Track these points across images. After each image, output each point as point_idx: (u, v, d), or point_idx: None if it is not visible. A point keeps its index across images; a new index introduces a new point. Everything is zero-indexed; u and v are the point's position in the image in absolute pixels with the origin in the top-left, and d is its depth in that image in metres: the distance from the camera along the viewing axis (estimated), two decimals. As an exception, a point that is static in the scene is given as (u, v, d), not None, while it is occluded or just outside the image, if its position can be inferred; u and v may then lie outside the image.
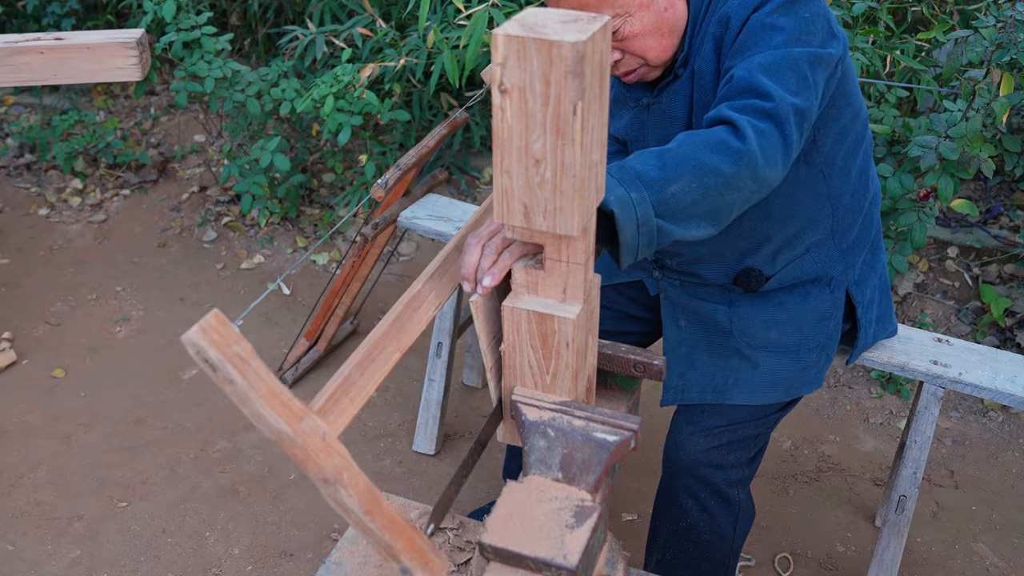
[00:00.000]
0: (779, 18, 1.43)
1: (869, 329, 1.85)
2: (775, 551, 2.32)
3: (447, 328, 2.47)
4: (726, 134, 1.33)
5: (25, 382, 2.85)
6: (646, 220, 1.25)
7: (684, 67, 1.57)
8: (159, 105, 4.46)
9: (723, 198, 1.33)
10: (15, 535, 2.32)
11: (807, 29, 1.44)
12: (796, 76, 1.40)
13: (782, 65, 1.40)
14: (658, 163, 1.29)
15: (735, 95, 1.39)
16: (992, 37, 2.45)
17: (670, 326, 1.81)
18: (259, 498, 2.43)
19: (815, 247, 1.70)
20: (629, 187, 1.25)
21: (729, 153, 1.31)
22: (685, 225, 1.31)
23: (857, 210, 1.71)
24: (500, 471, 2.50)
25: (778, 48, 1.41)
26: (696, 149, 1.32)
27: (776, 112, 1.35)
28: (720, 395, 1.74)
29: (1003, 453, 2.66)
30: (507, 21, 1.01)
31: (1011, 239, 3.14)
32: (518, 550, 1.04)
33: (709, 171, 1.30)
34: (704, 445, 1.76)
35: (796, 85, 1.40)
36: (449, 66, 2.75)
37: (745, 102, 1.37)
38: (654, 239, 1.28)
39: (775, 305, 1.72)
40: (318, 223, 3.62)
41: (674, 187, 1.28)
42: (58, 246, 3.57)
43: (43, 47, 2.42)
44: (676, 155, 1.31)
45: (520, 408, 1.19)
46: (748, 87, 1.38)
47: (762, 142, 1.34)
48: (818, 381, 1.79)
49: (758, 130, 1.34)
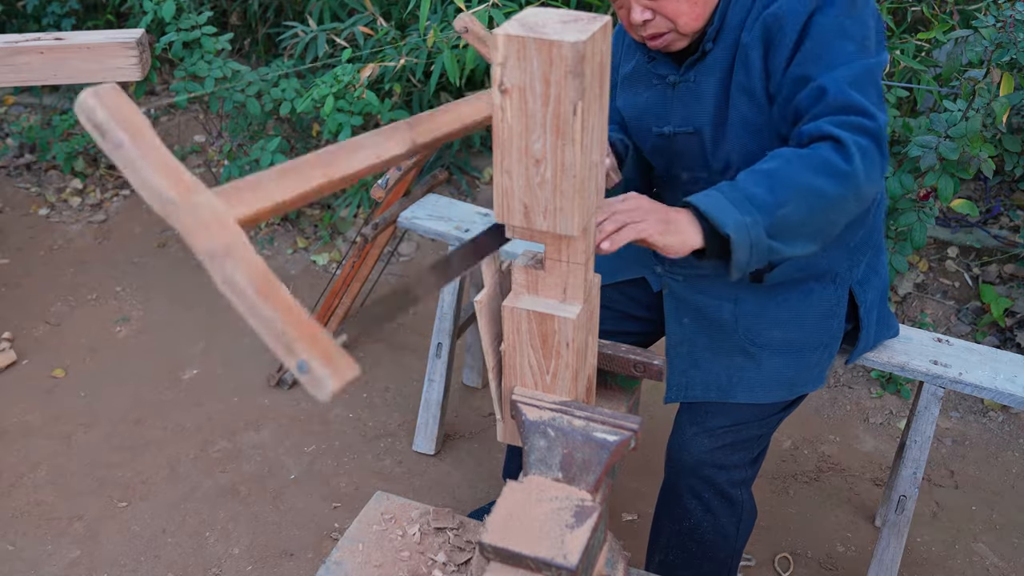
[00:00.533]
0: (846, 21, 1.45)
1: (871, 330, 1.85)
2: (775, 551, 2.32)
3: (447, 328, 2.47)
4: (832, 154, 1.38)
5: (25, 382, 2.85)
6: (759, 241, 1.32)
7: (713, 43, 1.54)
8: (159, 105, 4.46)
9: (828, 218, 1.40)
10: (15, 535, 2.32)
11: (868, 34, 1.47)
12: (877, 91, 1.45)
13: (866, 80, 1.44)
14: (767, 185, 1.35)
15: (833, 111, 1.42)
16: (992, 37, 2.45)
17: (673, 323, 1.80)
18: (259, 498, 2.43)
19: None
20: (743, 211, 1.32)
21: (836, 175, 1.37)
22: (792, 244, 1.38)
23: (865, 209, 1.71)
24: (500, 471, 2.50)
25: (854, 60, 1.44)
26: (804, 170, 1.37)
27: (878, 131, 1.41)
28: (724, 393, 1.74)
29: (1003, 453, 2.66)
30: (507, 21, 1.01)
31: (1011, 239, 3.14)
32: (518, 550, 1.04)
33: (816, 194, 1.36)
34: (708, 446, 1.76)
35: (878, 99, 1.45)
36: (450, 66, 2.75)
37: (848, 119, 1.40)
38: (764, 258, 1.35)
39: (779, 303, 1.72)
40: (318, 223, 3.62)
41: (784, 210, 1.34)
42: (58, 246, 3.58)
43: (43, 47, 2.42)
44: (785, 175, 1.36)
45: (520, 408, 1.19)
46: (847, 105, 1.41)
47: (865, 162, 1.39)
48: (821, 380, 1.78)
49: (862, 149, 1.38)
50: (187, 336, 3.07)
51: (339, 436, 2.66)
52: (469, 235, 2.37)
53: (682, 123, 1.64)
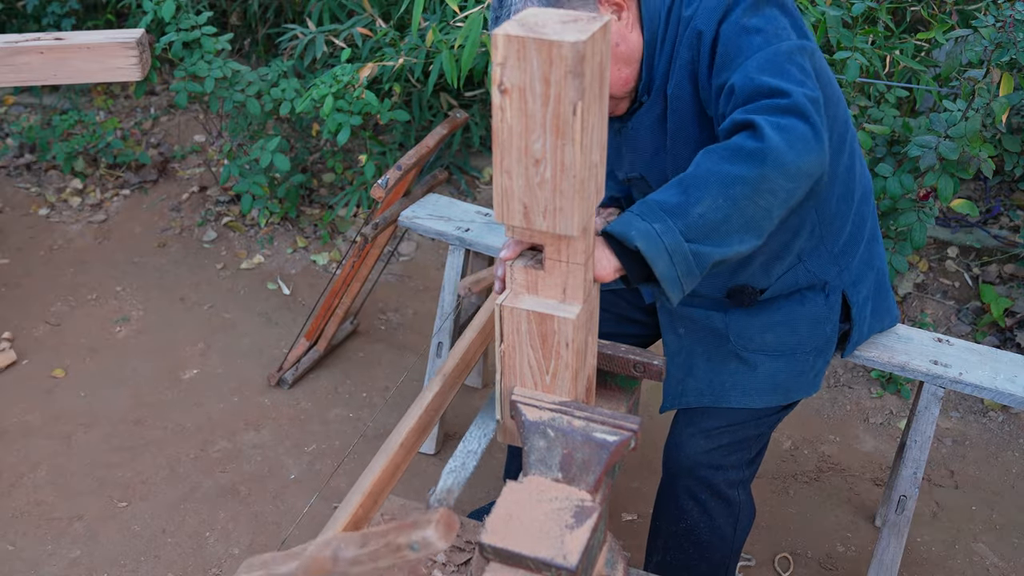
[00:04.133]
0: (750, 19, 1.42)
1: (864, 325, 1.85)
2: (775, 551, 2.32)
3: (447, 328, 2.47)
4: (742, 138, 1.30)
5: (25, 382, 2.85)
6: (677, 248, 1.23)
7: (648, 94, 1.58)
8: (159, 105, 4.46)
9: (757, 204, 1.29)
10: (15, 535, 2.32)
11: (779, 25, 1.42)
12: (795, 68, 1.38)
13: (778, 61, 1.38)
14: (678, 189, 1.28)
15: (744, 102, 1.36)
16: (991, 37, 2.45)
17: (668, 333, 1.82)
18: (259, 498, 2.43)
19: (807, 254, 1.69)
20: (651, 219, 1.24)
21: (749, 157, 1.28)
22: (723, 243, 1.28)
23: (845, 212, 1.70)
24: (500, 471, 2.50)
25: (763, 48, 1.39)
26: (714, 163, 1.29)
27: (794, 105, 1.32)
28: (717, 398, 1.75)
29: (1003, 453, 2.66)
30: (507, 21, 1.00)
31: (1011, 239, 3.14)
32: (518, 550, 1.04)
33: (732, 181, 1.27)
34: (704, 446, 1.76)
35: (800, 76, 1.37)
36: (447, 66, 2.75)
37: (758, 103, 1.34)
38: (693, 266, 1.25)
39: (771, 310, 1.72)
40: (318, 223, 3.62)
41: (700, 207, 1.25)
42: (58, 246, 3.57)
43: (43, 47, 2.42)
44: (695, 175, 1.29)
45: (520, 408, 1.19)
46: (756, 90, 1.35)
47: (787, 136, 1.29)
48: (815, 385, 1.78)
49: (779, 126, 1.30)
50: (187, 336, 3.07)
51: (339, 436, 2.66)
52: (469, 234, 2.37)
53: (631, 169, 1.69)
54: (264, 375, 2.88)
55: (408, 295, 3.31)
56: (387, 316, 3.20)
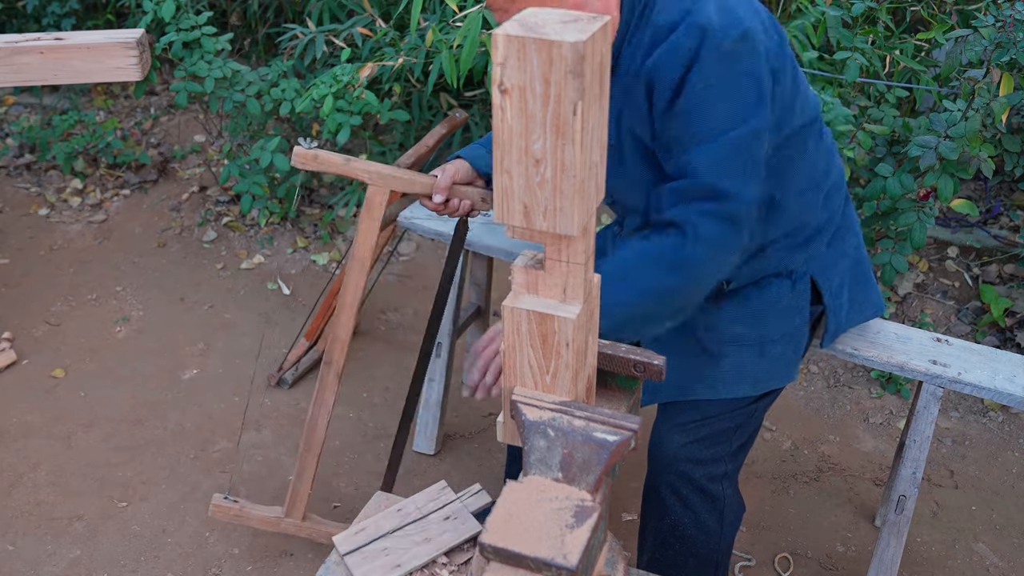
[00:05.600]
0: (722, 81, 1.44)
1: (840, 312, 1.84)
2: (775, 551, 2.32)
3: (447, 328, 2.47)
4: (672, 243, 1.45)
5: (25, 382, 2.85)
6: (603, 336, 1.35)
7: (613, 73, 1.58)
8: (159, 105, 4.46)
9: (673, 305, 1.50)
10: (15, 535, 2.32)
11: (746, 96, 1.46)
12: (744, 161, 1.46)
13: (732, 156, 1.45)
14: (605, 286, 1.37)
15: (691, 197, 1.46)
16: (991, 37, 2.45)
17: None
18: (259, 498, 2.43)
19: (771, 245, 1.70)
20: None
21: (673, 267, 1.45)
22: (643, 330, 1.50)
23: (812, 203, 1.71)
24: (500, 471, 2.50)
25: (721, 134, 1.45)
26: (641, 267, 1.46)
27: (731, 213, 1.45)
28: (684, 391, 1.76)
29: (1003, 453, 2.66)
30: (507, 21, 1.01)
31: (1011, 239, 3.14)
32: (518, 550, 1.04)
33: (652, 292, 1.45)
34: (680, 441, 1.78)
35: (745, 171, 1.46)
36: (447, 66, 2.75)
37: (701, 206, 1.45)
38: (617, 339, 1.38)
39: (738, 302, 1.73)
40: (318, 223, 3.62)
41: (620, 308, 1.43)
42: (58, 246, 3.58)
43: (43, 47, 2.43)
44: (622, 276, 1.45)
45: (520, 408, 1.19)
46: (704, 190, 1.45)
47: (715, 248, 1.45)
48: (790, 374, 1.79)
49: (711, 234, 1.44)
50: (187, 336, 3.07)
51: (339, 436, 2.66)
52: (469, 234, 2.37)
53: None
54: (264, 375, 2.88)
55: (408, 295, 3.31)
56: (387, 316, 3.20)
